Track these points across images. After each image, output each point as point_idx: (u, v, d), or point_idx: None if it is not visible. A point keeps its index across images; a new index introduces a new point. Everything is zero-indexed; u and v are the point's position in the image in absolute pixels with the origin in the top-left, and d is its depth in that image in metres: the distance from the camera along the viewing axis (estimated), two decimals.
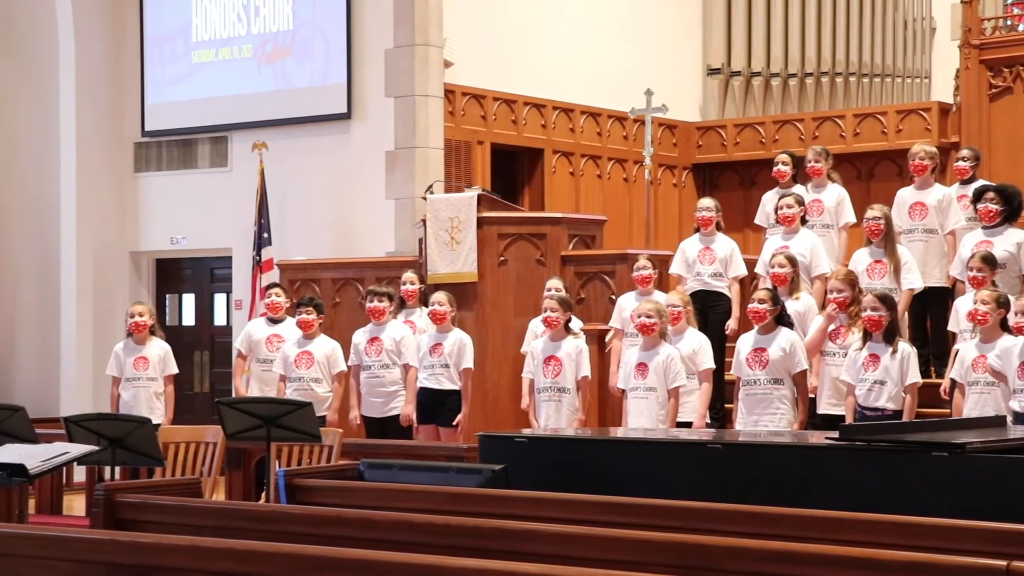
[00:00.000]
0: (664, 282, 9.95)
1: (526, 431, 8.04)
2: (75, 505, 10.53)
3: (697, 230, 9.89)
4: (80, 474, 10.70)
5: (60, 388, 13.60)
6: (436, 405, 9.55)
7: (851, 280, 8.55)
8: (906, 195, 9.78)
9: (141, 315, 9.79)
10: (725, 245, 9.75)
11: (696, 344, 8.87)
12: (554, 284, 9.62)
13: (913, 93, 15.25)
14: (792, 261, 9.01)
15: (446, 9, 12.39)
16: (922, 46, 15.33)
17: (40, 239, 13.95)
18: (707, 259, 9.71)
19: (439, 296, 9.63)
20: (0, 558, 4.37)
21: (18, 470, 5.73)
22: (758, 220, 10.67)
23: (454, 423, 9.50)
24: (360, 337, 9.81)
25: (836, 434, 6.00)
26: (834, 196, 10.07)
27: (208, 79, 13.43)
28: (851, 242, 10.06)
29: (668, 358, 8.56)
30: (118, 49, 13.87)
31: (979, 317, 7.88)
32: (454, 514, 4.92)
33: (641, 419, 8.54)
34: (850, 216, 10.03)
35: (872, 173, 14.33)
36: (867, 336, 8.11)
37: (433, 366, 9.53)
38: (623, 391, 8.78)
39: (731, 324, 9.56)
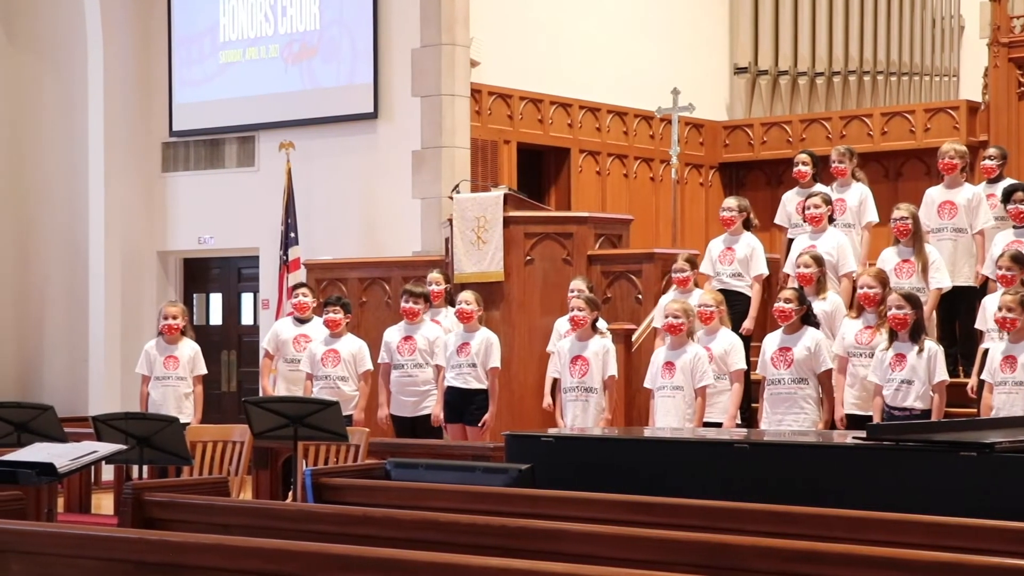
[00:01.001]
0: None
1: (552, 430, 8.04)
2: (103, 504, 10.58)
3: None
4: (108, 473, 10.76)
5: (88, 387, 13.67)
6: (463, 404, 9.56)
7: (882, 278, 8.51)
8: (935, 194, 9.73)
9: (175, 317, 9.82)
10: (746, 245, 9.71)
11: (728, 344, 8.83)
12: (577, 285, 9.60)
13: (941, 91, 15.17)
14: (818, 261, 8.98)
15: (472, 8, 12.40)
16: (950, 44, 15.24)
17: (69, 239, 14.04)
18: (727, 259, 9.69)
19: (466, 295, 9.64)
20: (30, 556, 4.39)
21: (47, 469, 5.76)
22: (778, 220, 10.63)
23: (480, 423, 9.50)
24: (393, 335, 9.81)
25: (864, 434, 5.98)
26: (857, 195, 10.03)
27: (235, 79, 13.48)
28: (874, 241, 10.03)
29: (695, 357, 8.54)
30: (146, 49, 13.93)
31: (1007, 324, 7.83)
32: (480, 513, 4.93)
33: (668, 418, 8.53)
34: (873, 215, 9.99)
35: (900, 172, 14.26)
36: (893, 336, 8.08)
37: (460, 365, 9.54)
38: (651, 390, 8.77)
39: (746, 324, 9.51)
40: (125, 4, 13.83)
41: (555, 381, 9.29)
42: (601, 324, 9.21)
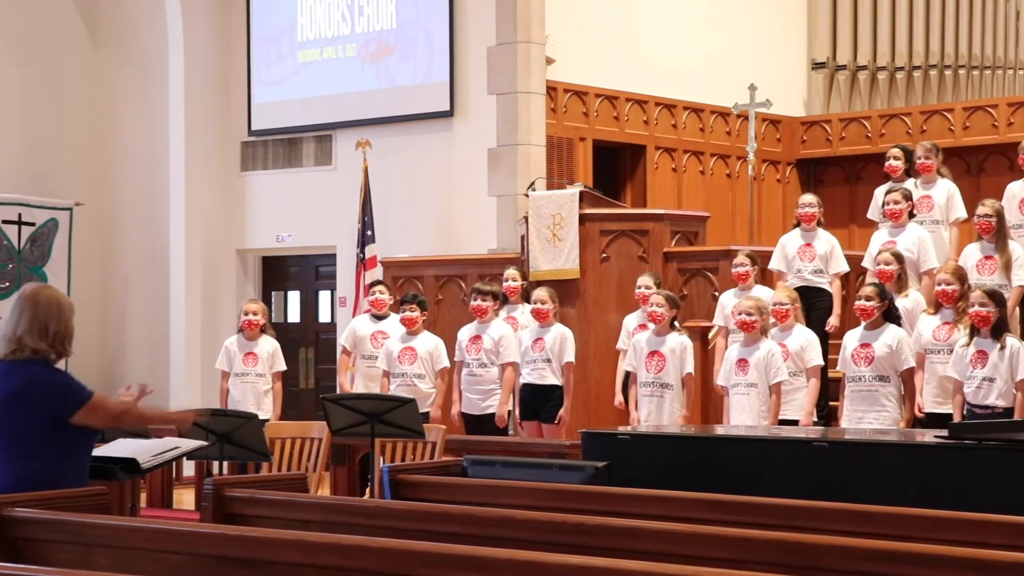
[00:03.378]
0: (766, 278, 9.86)
1: (628, 428, 8.03)
2: (185, 499, 10.71)
3: (797, 225, 9.81)
4: (189, 468, 10.88)
5: (170, 384, 13.84)
6: (539, 401, 9.55)
7: (960, 274, 8.42)
8: (1016, 189, 9.61)
9: (255, 314, 9.94)
10: (826, 242, 9.65)
11: (804, 340, 8.78)
12: (645, 281, 9.56)
13: None
14: (898, 258, 8.89)
15: (548, 6, 12.39)
16: None
17: (150, 237, 14.22)
18: (807, 256, 9.63)
19: (541, 293, 9.63)
20: (115, 550, 4.46)
21: (130, 465, 5.84)
22: (870, 215, 10.54)
23: (556, 419, 9.49)
24: (464, 334, 9.83)
25: (945, 432, 5.92)
26: (944, 192, 9.92)
27: (313, 78, 13.58)
28: (962, 237, 9.90)
29: (769, 354, 8.49)
30: (225, 50, 14.09)
31: None
32: (557, 511, 4.92)
33: (743, 415, 8.49)
34: (960, 211, 9.88)
35: (982, 167, 14.06)
36: (974, 332, 7.98)
37: (535, 361, 9.53)
38: (725, 387, 8.73)
39: (832, 321, 9.44)
40: (205, 5, 13.99)
41: (626, 377, 9.28)
42: None
